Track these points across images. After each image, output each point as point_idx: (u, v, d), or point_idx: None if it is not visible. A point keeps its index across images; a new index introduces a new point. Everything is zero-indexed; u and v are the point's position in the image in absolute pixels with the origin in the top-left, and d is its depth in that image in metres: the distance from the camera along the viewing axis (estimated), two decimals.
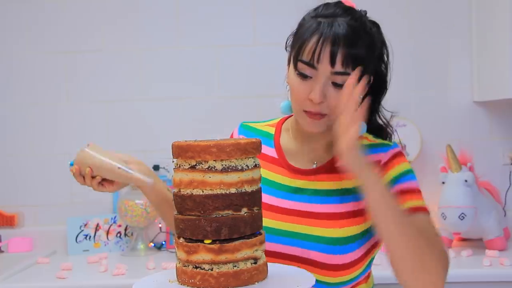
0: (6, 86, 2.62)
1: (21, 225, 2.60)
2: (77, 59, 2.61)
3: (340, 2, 1.29)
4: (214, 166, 1.02)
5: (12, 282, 2.04)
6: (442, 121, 2.55)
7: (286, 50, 1.33)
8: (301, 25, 1.28)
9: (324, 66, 1.21)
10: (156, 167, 2.56)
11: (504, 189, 2.50)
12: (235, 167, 1.02)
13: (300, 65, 1.24)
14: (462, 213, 2.18)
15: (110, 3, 2.61)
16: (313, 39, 1.21)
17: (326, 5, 1.28)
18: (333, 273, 1.26)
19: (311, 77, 1.23)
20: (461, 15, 2.55)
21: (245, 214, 1.04)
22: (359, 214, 1.29)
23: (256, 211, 1.07)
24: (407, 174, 1.30)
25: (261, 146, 1.10)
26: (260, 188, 1.09)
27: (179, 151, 1.04)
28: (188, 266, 1.04)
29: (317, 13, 1.26)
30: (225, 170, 1.02)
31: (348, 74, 1.21)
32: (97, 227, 2.50)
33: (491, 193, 2.39)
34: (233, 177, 1.02)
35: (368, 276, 1.37)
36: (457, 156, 2.30)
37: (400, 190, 1.27)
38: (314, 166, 1.34)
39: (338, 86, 1.22)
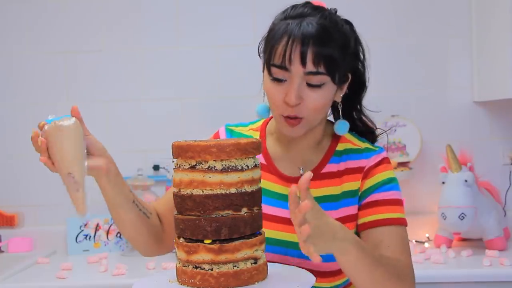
0: (6, 86, 2.62)
1: (21, 225, 2.60)
2: (77, 59, 2.61)
3: (309, 2, 1.27)
4: (214, 166, 1.02)
5: (12, 282, 2.04)
6: (442, 121, 2.55)
7: (260, 56, 1.32)
8: (271, 29, 1.27)
9: (296, 67, 1.19)
10: (156, 167, 2.56)
11: (504, 189, 2.49)
12: (235, 167, 1.02)
13: (273, 69, 1.22)
14: (462, 213, 2.18)
15: (110, 4, 2.61)
16: (283, 41, 1.20)
17: (294, 6, 1.27)
18: (332, 278, 1.27)
19: (285, 80, 1.22)
20: (461, 15, 2.55)
21: (245, 214, 1.04)
22: (350, 219, 1.29)
23: (256, 211, 1.07)
24: (390, 183, 1.29)
25: (261, 146, 1.10)
26: (260, 188, 1.09)
27: (179, 151, 1.04)
28: (188, 266, 1.04)
29: (285, 15, 1.25)
30: (225, 170, 1.02)
31: (322, 73, 1.19)
32: (97, 227, 2.50)
33: (491, 193, 2.39)
34: (233, 177, 1.02)
35: None
36: (457, 156, 2.30)
37: (381, 200, 1.27)
38: (301, 171, 1.32)
39: (313, 86, 1.21)
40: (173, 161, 1.08)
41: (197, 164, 1.02)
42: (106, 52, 2.61)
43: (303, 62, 1.18)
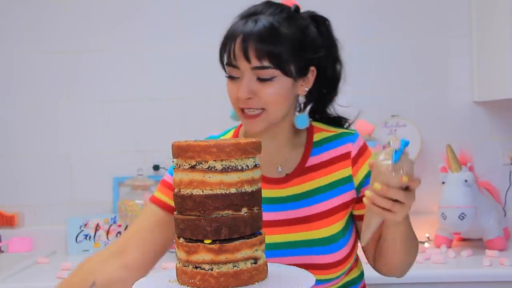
0: (6, 86, 2.62)
1: (21, 225, 2.60)
2: (77, 59, 2.61)
3: (269, 1, 1.31)
4: (214, 166, 1.01)
5: (12, 282, 2.04)
6: (442, 121, 2.55)
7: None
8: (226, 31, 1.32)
9: (242, 64, 1.24)
10: (156, 167, 2.56)
11: (504, 189, 2.49)
12: (235, 167, 1.02)
13: (228, 68, 1.29)
14: (462, 213, 2.18)
15: (111, 4, 2.61)
16: (228, 41, 1.27)
17: (255, 5, 1.32)
18: (326, 271, 1.28)
19: (238, 78, 1.27)
20: (461, 15, 2.55)
21: (245, 214, 1.04)
22: (346, 205, 1.32)
23: (256, 211, 1.07)
24: None
25: (261, 146, 1.10)
26: (260, 188, 1.09)
27: (179, 151, 1.04)
28: (188, 266, 1.04)
29: (242, 15, 1.30)
30: (225, 170, 1.02)
31: (268, 67, 1.23)
32: (97, 227, 2.50)
33: (491, 193, 2.39)
34: (233, 177, 1.02)
35: (357, 259, 1.41)
36: (457, 156, 2.30)
37: None
38: (280, 168, 1.34)
39: (263, 80, 1.24)
40: (173, 161, 1.08)
41: (197, 164, 1.02)
42: (107, 52, 2.61)
43: (247, 58, 1.23)
